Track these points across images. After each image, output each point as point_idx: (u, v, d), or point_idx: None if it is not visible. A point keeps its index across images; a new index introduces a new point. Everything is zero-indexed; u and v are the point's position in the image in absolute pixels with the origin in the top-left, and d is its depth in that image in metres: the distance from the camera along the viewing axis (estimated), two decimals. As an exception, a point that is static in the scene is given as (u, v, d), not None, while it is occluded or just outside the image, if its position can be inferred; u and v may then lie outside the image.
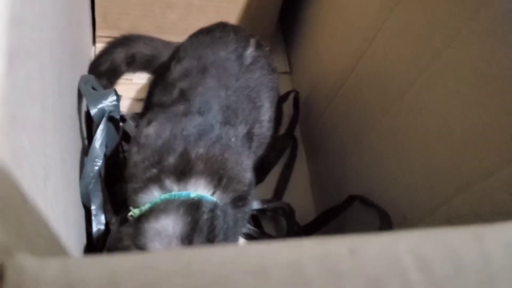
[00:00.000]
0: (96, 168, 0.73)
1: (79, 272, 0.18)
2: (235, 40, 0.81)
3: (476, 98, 0.55)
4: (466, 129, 0.57)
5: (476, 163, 0.55)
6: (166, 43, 1.01)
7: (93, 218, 0.75)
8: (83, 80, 0.77)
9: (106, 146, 0.75)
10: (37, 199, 0.25)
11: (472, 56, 0.55)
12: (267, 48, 0.86)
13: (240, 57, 0.78)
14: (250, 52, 0.80)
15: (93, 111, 0.72)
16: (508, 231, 0.19)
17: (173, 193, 0.63)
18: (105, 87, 0.84)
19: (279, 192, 0.99)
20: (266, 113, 0.81)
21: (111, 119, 0.77)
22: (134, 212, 0.63)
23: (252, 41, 0.83)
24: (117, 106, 0.77)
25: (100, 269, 0.18)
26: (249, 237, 0.92)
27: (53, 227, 0.30)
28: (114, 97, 0.76)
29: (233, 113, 0.72)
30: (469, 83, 0.56)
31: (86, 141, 0.80)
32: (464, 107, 0.57)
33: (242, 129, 0.73)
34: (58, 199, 0.38)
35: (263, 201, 0.92)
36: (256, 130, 0.78)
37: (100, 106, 0.73)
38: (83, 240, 0.74)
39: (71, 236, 0.51)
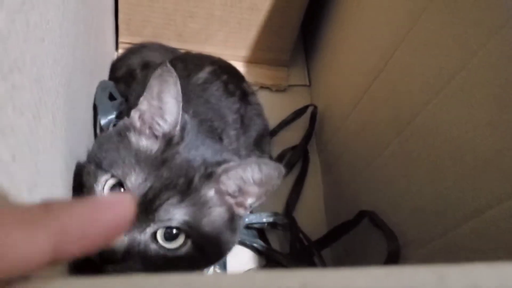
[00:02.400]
0: None
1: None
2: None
3: (489, 124, 0.53)
4: (477, 155, 0.55)
5: (486, 190, 0.53)
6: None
7: None
8: (101, 86, 0.78)
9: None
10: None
11: (486, 80, 0.54)
12: (225, 76, 0.87)
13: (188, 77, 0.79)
14: (202, 75, 0.81)
15: (103, 121, 0.73)
16: (471, 272, 0.18)
17: None
18: (123, 92, 0.85)
19: (289, 206, 0.99)
20: (231, 127, 0.79)
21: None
22: None
23: (207, 68, 0.84)
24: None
25: None
26: (257, 251, 0.92)
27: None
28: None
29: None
30: (483, 107, 0.54)
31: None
32: (476, 132, 0.55)
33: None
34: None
35: (262, 215, 0.92)
36: (224, 136, 0.75)
37: (110, 117, 0.74)
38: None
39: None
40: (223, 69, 0.87)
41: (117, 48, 1.09)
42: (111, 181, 0.48)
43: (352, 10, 0.93)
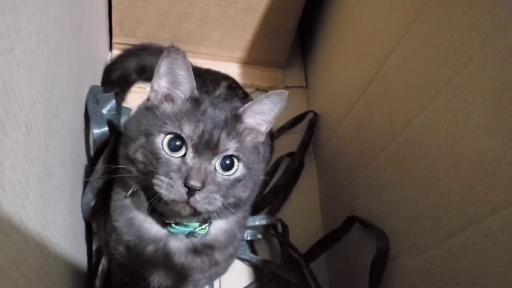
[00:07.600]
0: (98, 186, 0.73)
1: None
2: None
3: (486, 130, 0.52)
4: (473, 162, 0.53)
5: (482, 199, 0.52)
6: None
7: (93, 236, 0.76)
8: (92, 92, 0.77)
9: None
10: None
11: (483, 84, 0.52)
12: (240, 91, 0.91)
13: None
14: (221, 90, 0.88)
15: (95, 132, 0.73)
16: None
17: None
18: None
19: (273, 207, 0.99)
20: None
21: (109, 123, 0.77)
22: None
23: (223, 83, 0.90)
24: (114, 110, 0.79)
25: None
26: (252, 265, 0.91)
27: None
28: (114, 104, 0.77)
29: None
30: (479, 113, 0.52)
31: (91, 149, 0.79)
32: (472, 138, 0.53)
33: None
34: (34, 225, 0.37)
35: (256, 218, 0.92)
36: None
37: (104, 129, 0.74)
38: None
39: (65, 244, 0.50)
40: (236, 84, 0.94)
41: (111, 49, 1.07)
42: (168, 137, 0.57)
43: (349, 12, 0.91)
